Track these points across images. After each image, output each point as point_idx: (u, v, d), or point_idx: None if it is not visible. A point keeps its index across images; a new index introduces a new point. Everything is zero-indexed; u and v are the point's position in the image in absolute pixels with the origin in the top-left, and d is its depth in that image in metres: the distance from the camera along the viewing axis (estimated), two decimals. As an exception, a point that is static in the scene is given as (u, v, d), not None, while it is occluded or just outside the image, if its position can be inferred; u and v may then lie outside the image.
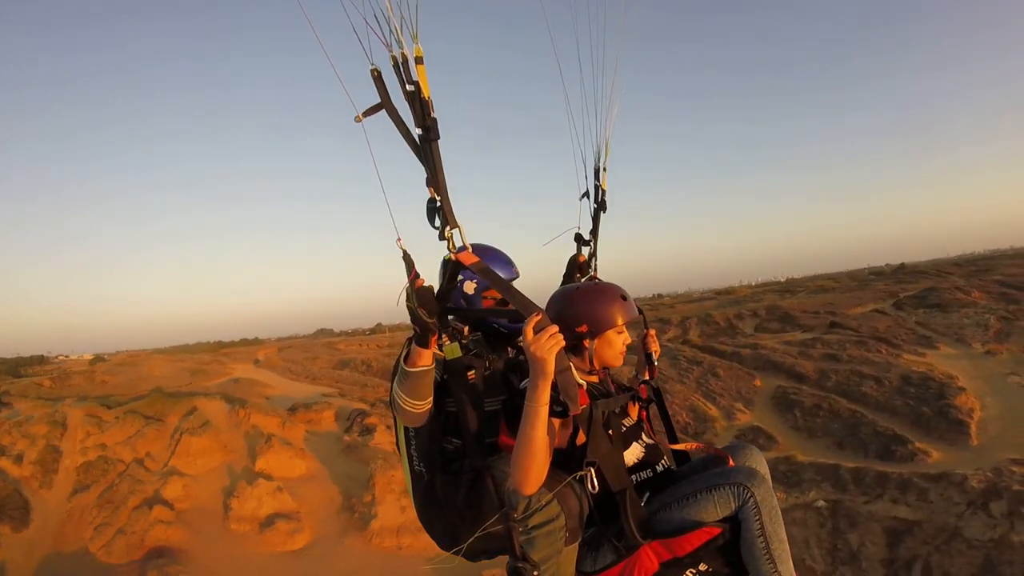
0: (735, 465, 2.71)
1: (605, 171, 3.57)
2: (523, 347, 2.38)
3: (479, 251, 2.83)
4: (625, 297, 2.82)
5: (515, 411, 2.48)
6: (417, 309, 2.54)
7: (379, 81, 2.42)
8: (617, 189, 3.72)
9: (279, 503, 17.60)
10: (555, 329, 2.34)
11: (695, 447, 3.07)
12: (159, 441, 20.35)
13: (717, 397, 23.82)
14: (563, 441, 2.60)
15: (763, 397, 23.81)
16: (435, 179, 2.38)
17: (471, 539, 2.66)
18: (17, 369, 45.52)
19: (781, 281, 63.97)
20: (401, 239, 2.54)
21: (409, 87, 2.32)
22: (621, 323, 2.77)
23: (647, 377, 3.28)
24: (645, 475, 2.73)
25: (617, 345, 2.81)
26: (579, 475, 2.51)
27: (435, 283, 2.80)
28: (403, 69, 2.33)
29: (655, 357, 3.34)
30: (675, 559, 2.49)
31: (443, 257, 2.64)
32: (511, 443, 2.46)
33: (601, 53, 3.28)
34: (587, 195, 3.62)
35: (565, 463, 2.56)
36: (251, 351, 48.98)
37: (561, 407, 2.41)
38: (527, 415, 2.36)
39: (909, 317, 30.88)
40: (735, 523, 2.47)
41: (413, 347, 2.69)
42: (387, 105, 2.44)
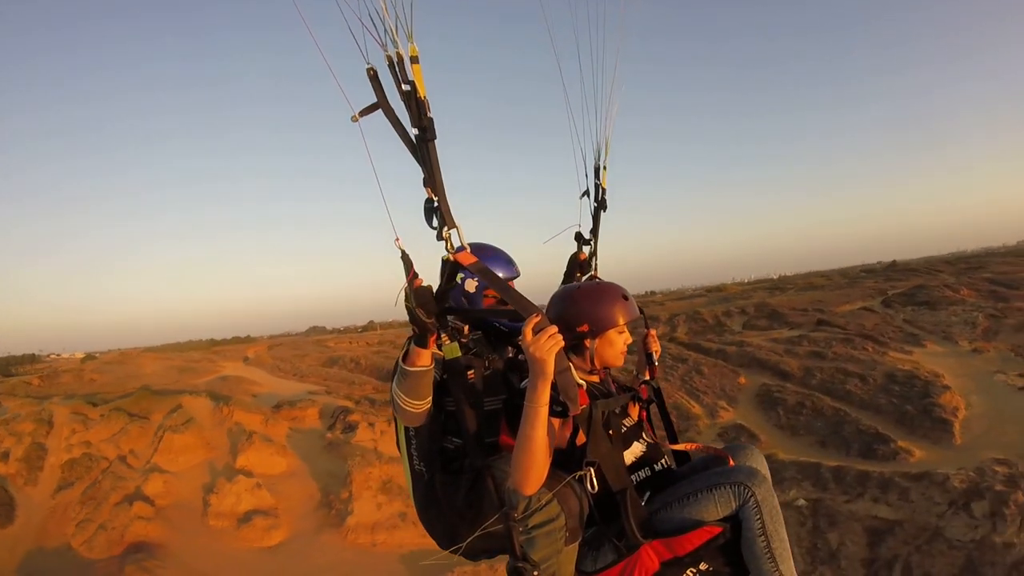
0: (735, 465, 2.72)
1: (605, 169, 3.58)
2: (522, 347, 2.38)
3: (478, 251, 2.82)
4: (626, 297, 2.83)
5: (515, 411, 2.48)
6: (416, 309, 2.53)
7: (375, 81, 2.42)
8: (616, 186, 3.72)
9: (258, 500, 17.63)
10: (554, 329, 2.34)
11: (695, 447, 3.09)
12: (143, 438, 20.32)
13: (701, 395, 23.82)
14: (563, 441, 2.61)
15: (747, 395, 23.83)
16: (432, 179, 2.38)
17: (471, 538, 2.66)
18: (8, 368, 45.29)
19: (774, 278, 63.96)
20: (399, 239, 2.54)
21: (405, 87, 2.32)
22: (622, 323, 2.78)
23: (647, 377, 3.30)
24: (645, 474, 2.73)
25: (618, 345, 2.81)
26: (579, 475, 2.51)
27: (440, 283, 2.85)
28: (399, 69, 2.32)
29: (655, 357, 3.36)
30: (676, 558, 2.50)
31: (442, 257, 2.58)
32: (511, 443, 2.47)
33: (600, 51, 3.29)
34: (587, 194, 3.63)
35: (565, 463, 2.56)
36: (241, 349, 48.92)
37: (561, 407, 2.42)
38: (527, 415, 2.37)
39: (897, 315, 30.95)
40: (736, 522, 2.47)
41: (412, 347, 2.68)
42: (383, 105, 2.43)
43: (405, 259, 2.57)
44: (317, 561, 15.59)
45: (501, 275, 3.05)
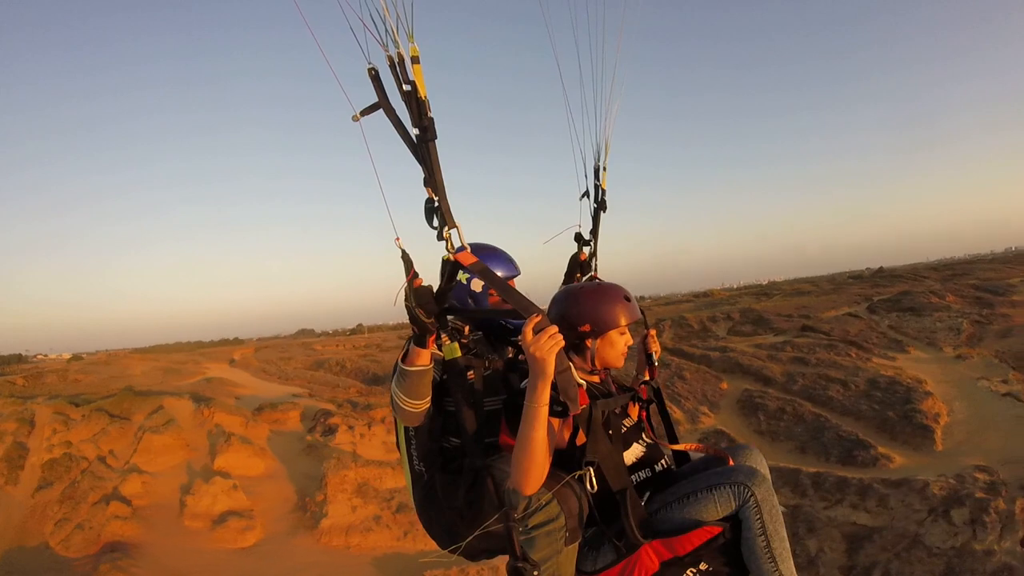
0: (735, 464, 2.74)
1: (605, 170, 3.59)
2: (522, 347, 2.39)
3: (479, 250, 2.86)
4: (628, 298, 2.84)
5: (515, 411, 2.49)
6: (415, 309, 2.54)
7: (376, 80, 2.43)
8: (614, 188, 3.72)
9: (233, 501, 17.59)
10: (555, 329, 2.34)
11: (695, 447, 3.11)
12: (123, 439, 20.30)
13: (682, 400, 23.78)
14: (563, 441, 2.61)
15: (729, 400, 23.83)
16: (433, 179, 2.39)
17: (471, 538, 2.66)
18: (-6, 368, 45.22)
19: (763, 284, 64.29)
20: (399, 238, 2.54)
21: (406, 87, 2.33)
22: (624, 324, 2.79)
23: (647, 377, 3.30)
24: (645, 475, 2.74)
25: (619, 346, 2.82)
26: (578, 474, 2.52)
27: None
28: (399, 69, 2.33)
29: (655, 358, 3.36)
30: (676, 558, 2.50)
31: (442, 257, 2.59)
32: (511, 443, 2.47)
33: (600, 52, 3.30)
34: (587, 194, 3.64)
35: (565, 463, 2.58)
36: (228, 351, 48.74)
37: (561, 407, 2.42)
38: (527, 415, 2.37)
39: (882, 320, 31.11)
40: (736, 522, 2.49)
41: (411, 346, 2.69)
42: (384, 104, 2.44)
43: (405, 258, 2.57)
44: (289, 563, 15.62)
45: (501, 274, 3.06)
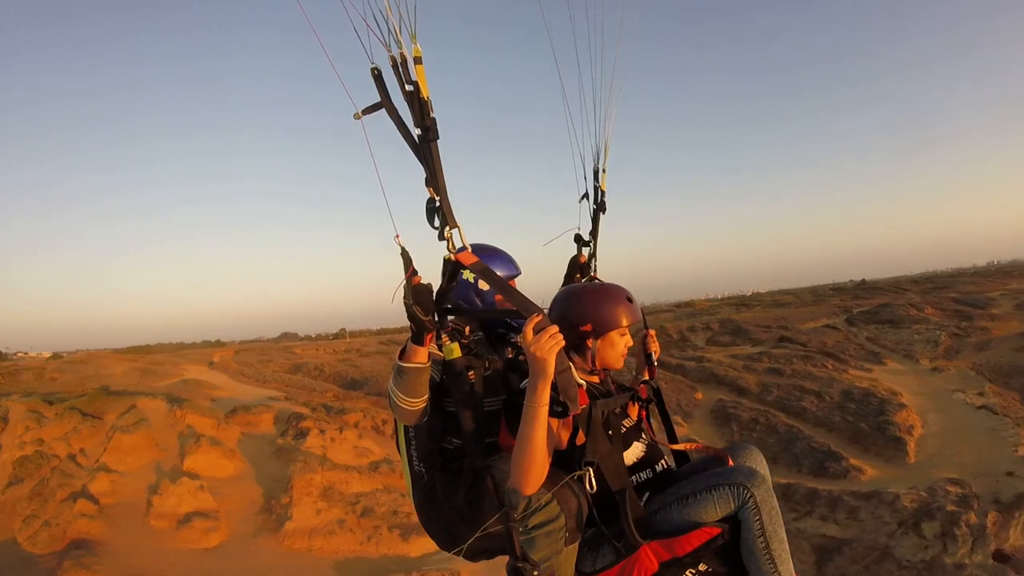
0: (735, 465, 2.75)
1: (604, 172, 3.61)
2: (523, 347, 2.39)
3: (480, 251, 2.89)
4: (630, 299, 2.85)
5: (515, 411, 2.49)
6: (413, 306, 2.54)
7: (379, 80, 2.44)
8: (611, 189, 3.74)
9: (199, 502, 17.46)
10: (555, 329, 2.35)
11: (695, 447, 3.16)
12: (94, 438, 20.13)
13: (656, 409, 23.76)
14: (563, 441, 2.62)
15: (702, 410, 23.85)
16: (434, 179, 2.41)
17: (471, 539, 2.66)
18: (-31, 365, 44.80)
19: (746, 295, 64.58)
20: (399, 236, 2.55)
21: (408, 87, 2.35)
22: (626, 325, 2.80)
23: (647, 377, 3.35)
24: (646, 475, 2.74)
25: (619, 347, 2.83)
26: (578, 475, 2.53)
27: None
28: (402, 69, 2.35)
29: (655, 357, 3.40)
30: (675, 559, 2.50)
31: (443, 256, 2.61)
32: (511, 443, 2.47)
33: (599, 54, 3.32)
34: (587, 196, 3.65)
35: (565, 463, 2.58)
36: (209, 353, 48.19)
37: (561, 407, 2.43)
38: (527, 415, 2.38)
39: (860, 332, 31.31)
40: (735, 523, 2.49)
41: (409, 344, 2.70)
42: (386, 104, 2.46)
43: (405, 256, 2.57)
44: (251, 564, 15.52)
45: (502, 274, 3.04)
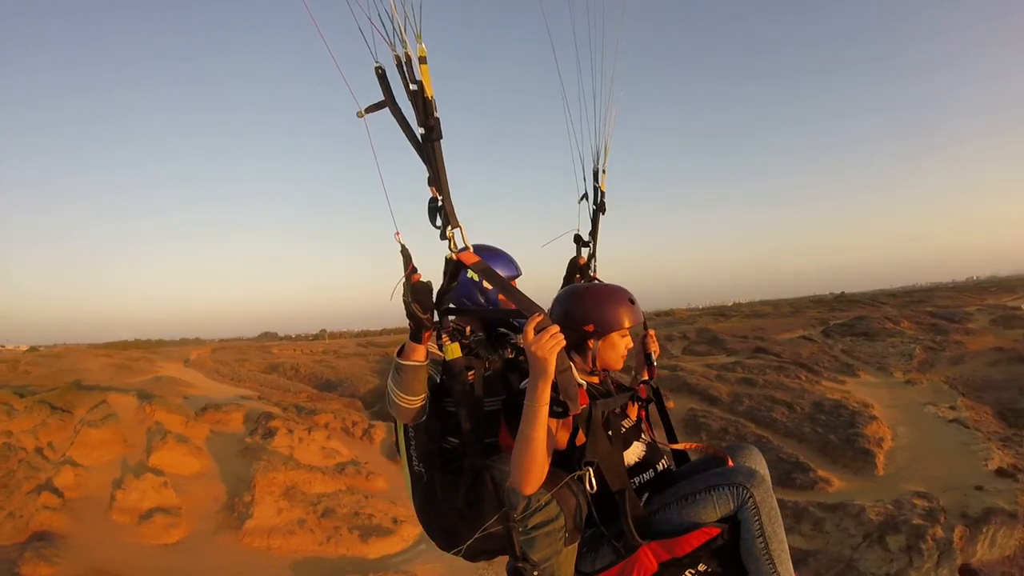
0: (734, 465, 2.75)
1: (604, 173, 3.61)
2: (523, 346, 2.38)
3: (481, 251, 2.88)
4: (632, 301, 2.83)
5: (515, 411, 2.48)
6: (411, 304, 2.53)
7: (383, 79, 2.44)
8: (610, 190, 3.73)
9: (162, 498, 17.36)
10: (556, 329, 2.34)
11: (694, 447, 3.15)
12: (62, 431, 19.94)
13: (626, 418, 23.78)
14: (563, 441, 2.61)
15: (673, 419, 23.39)
16: (437, 179, 2.41)
17: (471, 539, 2.66)
18: (-56, 356, 44.24)
19: (727, 305, 64.89)
20: (399, 233, 2.54)
21: (412, 87, 2.35)
22: (627, 326, 2.78)
23: (646, 377, 3.31)
24: (646, 476, 2.74)
25: (620, 348, 2.82)
26: (578, 475, 2.52)
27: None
28: (406, 68, 2.35)
29: (655, 357, 3.38)
30: (674, 559, 2.50)
31: (445, 256, 2.62)
32: (511, 443, 2.46)
33: (599, 56, 3.33)
34: (586, 197, 3.65)
35: (565, 463, 2.58)
36: (186, 351, 47.81)
37: (561, 407, 2.41)
38: (527, 415, 2.37)
39: (835, 344, 31.47)
40: (734, 523, 2.49)
41: (407, 342, 2.69)
42: (390, 103, 2.46)
43: (404, 253, 2.56)
44: (209, 561, 15.42)
45: (503, 274, 3.00)
